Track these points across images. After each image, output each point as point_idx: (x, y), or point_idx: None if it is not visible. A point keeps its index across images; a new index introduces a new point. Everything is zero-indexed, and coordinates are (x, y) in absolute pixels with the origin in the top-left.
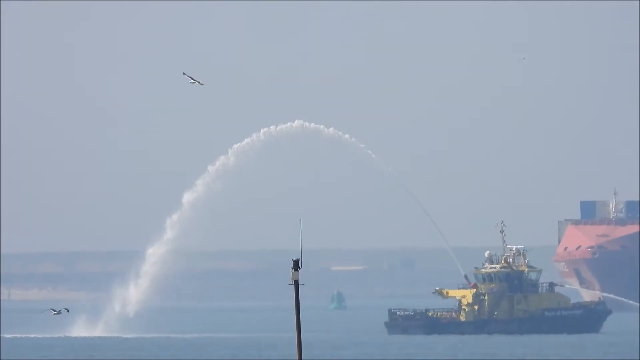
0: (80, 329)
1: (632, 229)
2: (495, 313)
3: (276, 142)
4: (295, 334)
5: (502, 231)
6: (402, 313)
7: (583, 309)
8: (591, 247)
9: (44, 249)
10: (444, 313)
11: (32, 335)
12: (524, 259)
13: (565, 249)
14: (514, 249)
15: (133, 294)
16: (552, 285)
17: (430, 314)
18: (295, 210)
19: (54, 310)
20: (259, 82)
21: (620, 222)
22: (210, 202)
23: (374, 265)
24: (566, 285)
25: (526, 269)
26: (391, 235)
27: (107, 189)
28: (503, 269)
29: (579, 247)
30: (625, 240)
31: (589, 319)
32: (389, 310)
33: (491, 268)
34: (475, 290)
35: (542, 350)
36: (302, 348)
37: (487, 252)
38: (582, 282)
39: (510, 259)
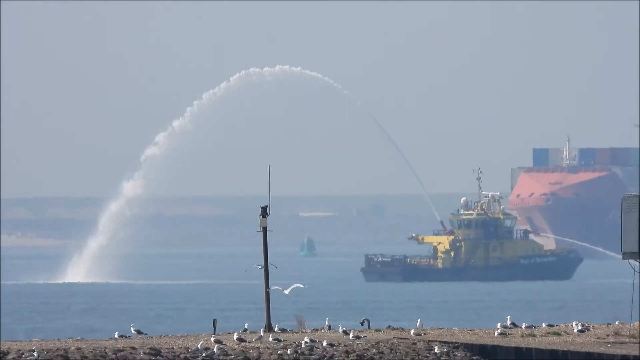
0: (49, 276)
1: (585, 176)
2: (472, 260)
3: (245, 86)
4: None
5: (478, 178)
6: (380, 259)
7: (556, 257)
8: (544, 194)
9: (13, 195)
10: (421, 260)
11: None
12: (499, 205)
13: (518, 196)
14: (489, 195)
15: (103, 240)
16: (526, 232)
17: (409, 261)
18: (264, 156)
19: (260, 266)
20: (228, 29)
21: (574, 169)
22: (177, 147)
23: (343, 212)
24: (541, 234)
25: (502, 216)
26: (360, 181)
27: (78, 135)
28: (479, 216)
29: (532, 194)
30: (578, 187)
31: (562, 266)
32: (366, 256)
33: (467, 214)
34: (452, 237)
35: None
36: (269, 296)
37: (463, 199)
38: (535, 229)
39: (486, 206)
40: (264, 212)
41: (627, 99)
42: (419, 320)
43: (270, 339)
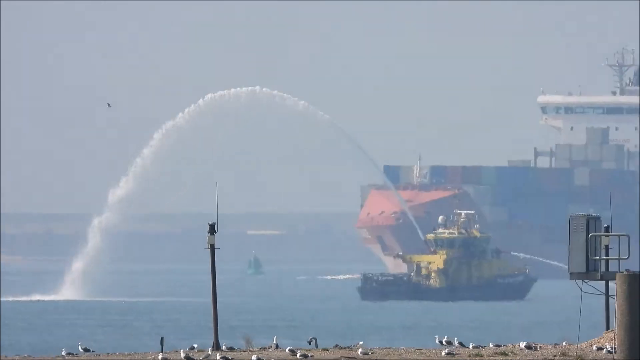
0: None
1: (436, 194)
2: (459, 280)
3: (199, 107)
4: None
5: (455, 197)
6: (380, 278)
7: (523, 276)
8: (395, 212)
9: None
10: (418, 279)
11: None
12: (475, 224)
13: (368, 214)
14: (463, 214)
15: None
16: (498, 251)
17: (414, 280)
18: (212, 174)
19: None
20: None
21: (425, 187)
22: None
23: (290, 230)
24: (512, 253)
25: (478, 235)
26: (309, 198)
27: (51, 152)
28: (460, 235)
29: (382, 212)
30: (429, 205)
31: (525, 285)
32: (364, 275)
33: (449, 233)
34: (445, 256)
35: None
36: (217, 314)
37: (441, 217)
38: (385, 248)
39: (462, 225)
40: (212, 230)
41: (477, 118)
42: (360, 342)
43: (218, 357)
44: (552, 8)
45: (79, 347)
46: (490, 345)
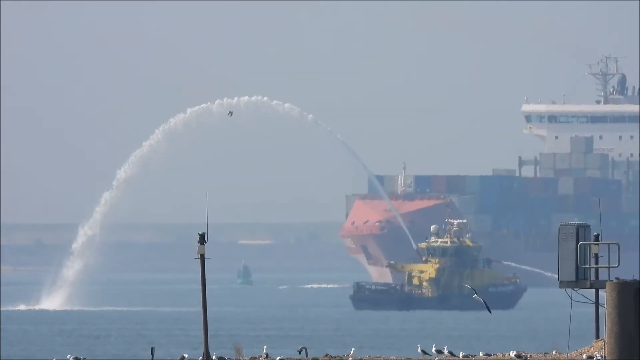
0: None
1: (421, 204)
2: (451, 288)
3: (188, 118)
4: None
5: (447, 206)
6: (373, 287)
7: (513, 285)
8: (379, 221)
9: None
10: (410, 288)
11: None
12: (467, 233)
13: (353, 223)
14: (455, 223)
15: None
16: (489, 261)
17: (406, 289)
18: (202, 184)
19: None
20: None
21: (409, 196)
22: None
23: (280, 239)
24: (503, 262)
25: (471, 244)
26: (296, 209)
27: (40, 163)
28: (453, 244)
29: (367, 221)
30: (413, 215)
31: (516, 294)
32: (357, 284)
33: (442, 242)
34: (437, 264)
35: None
36: (207, 323)
37: (434, 226)
38: (369, 257)
39: (454, 234)
40: (202, 240)
41: (461, 127)
42: (352, 349)
43: None
44: (536, 17)
45: (70, 358)
46: (481, 354)
